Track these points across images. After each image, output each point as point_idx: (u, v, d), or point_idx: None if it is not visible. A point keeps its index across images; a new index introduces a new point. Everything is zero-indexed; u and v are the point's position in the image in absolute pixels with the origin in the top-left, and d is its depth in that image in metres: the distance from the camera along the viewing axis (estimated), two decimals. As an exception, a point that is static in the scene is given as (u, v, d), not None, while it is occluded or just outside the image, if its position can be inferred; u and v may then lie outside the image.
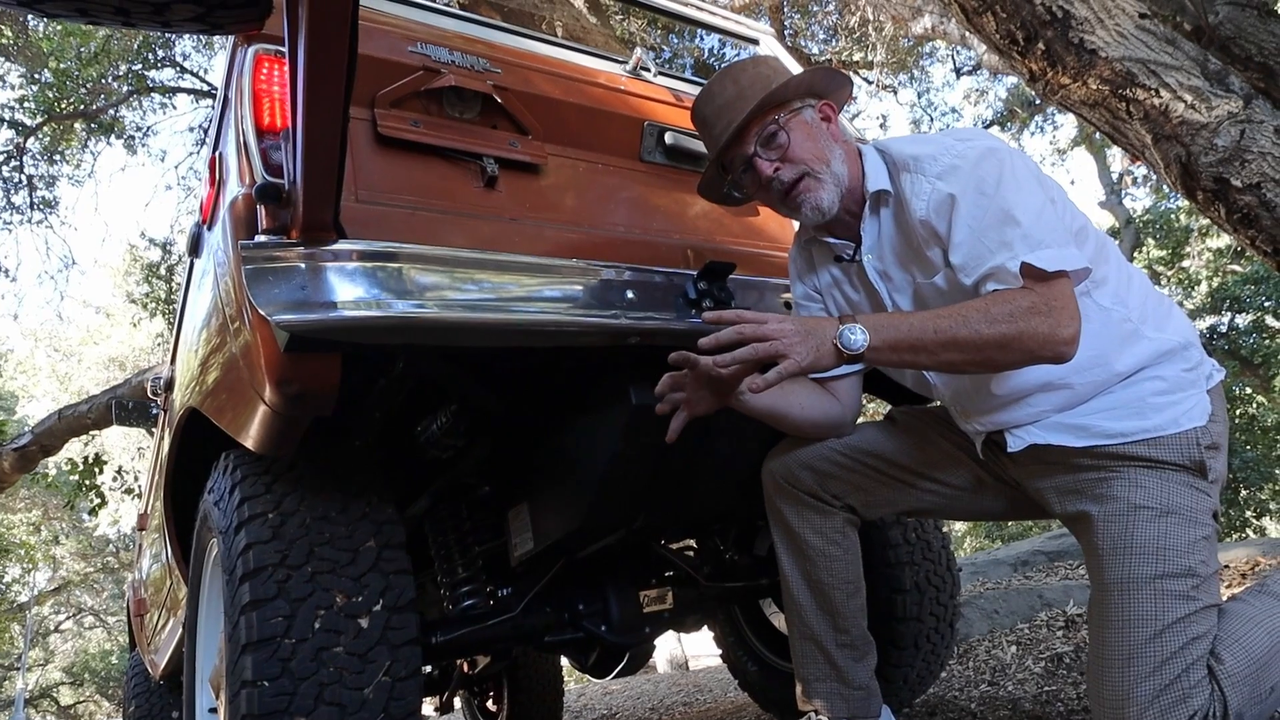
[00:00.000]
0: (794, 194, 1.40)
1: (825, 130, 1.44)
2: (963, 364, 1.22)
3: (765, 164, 1.41)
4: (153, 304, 10.13)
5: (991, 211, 1.24)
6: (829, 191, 1.40)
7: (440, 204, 1.50)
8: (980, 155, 1.29)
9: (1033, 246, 1.20)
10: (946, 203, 1.29)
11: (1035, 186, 1.28)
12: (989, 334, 1.17)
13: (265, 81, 1.38)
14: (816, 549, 1.54)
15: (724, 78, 1.46)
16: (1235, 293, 10.92)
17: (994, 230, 1.23)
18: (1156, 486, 1.24)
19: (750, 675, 2.57)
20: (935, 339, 1.19)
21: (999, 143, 1.33)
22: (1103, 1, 2.63)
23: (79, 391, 15.62)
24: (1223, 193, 2.52)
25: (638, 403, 1.50)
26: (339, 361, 1.23)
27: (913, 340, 1.20)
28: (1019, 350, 1.17)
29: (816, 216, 1.42)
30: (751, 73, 1.44)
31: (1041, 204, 1.25)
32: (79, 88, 7.99)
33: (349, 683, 1.30)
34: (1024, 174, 1.28)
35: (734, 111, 1.41)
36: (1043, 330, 1.15)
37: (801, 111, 1.43)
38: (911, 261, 1.39)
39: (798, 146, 1.40)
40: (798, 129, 1.41)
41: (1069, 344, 1.17)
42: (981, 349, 1.18)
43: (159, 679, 3.14)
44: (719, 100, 1.45)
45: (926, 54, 10.77)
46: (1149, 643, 1.17)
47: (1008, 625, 3.10)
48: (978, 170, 1.28)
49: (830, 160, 1.41)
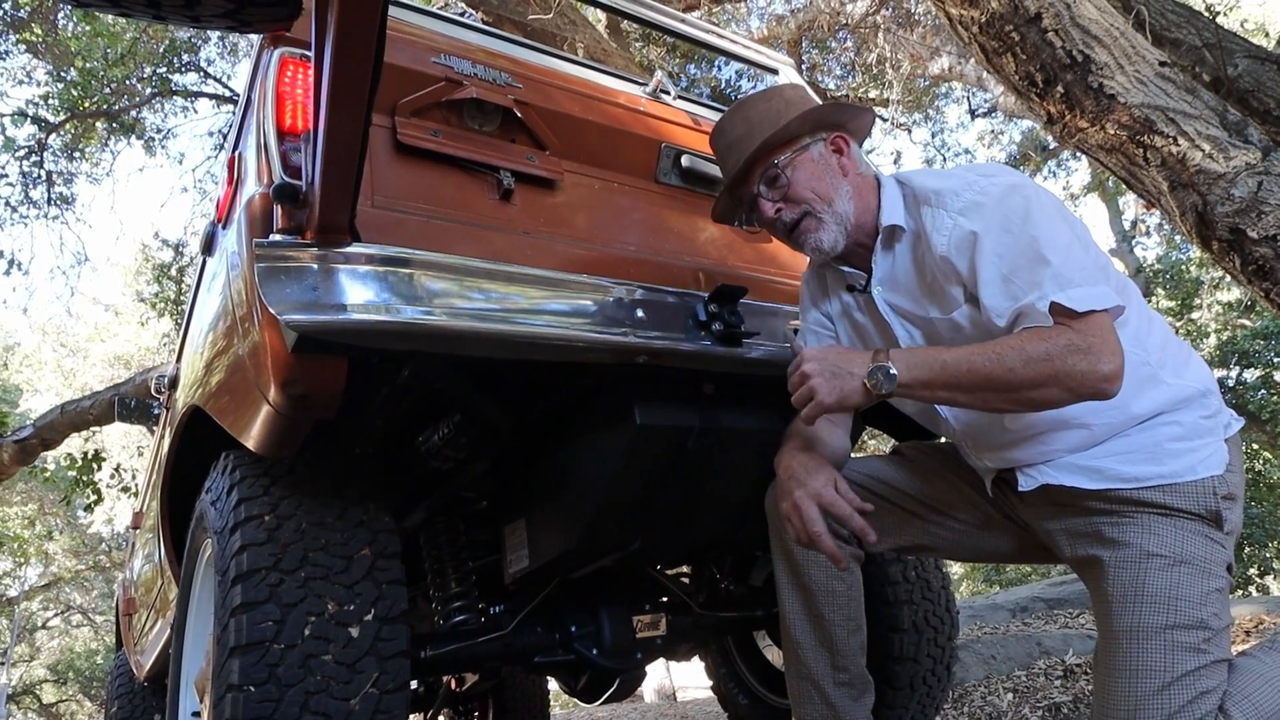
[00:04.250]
0: (796, 233, 1.43)
1: (834, 165, 1.44)
2: (999, 404, 1.20)
3: (768, 205, 1.43)
4: (161, 304, 10.17)
5: (1019, 250, 1.23)
6: (829, 231, 1.41)
7: (455, 214, 1.50)
8: (1004, 192, 1.28)
9: (1063, 285, 1.18)
10: (968, 240, 1.28)
11: (1062, 223, 1.26)
12: (1024, 373, 1.14)
13: (289, 84, 1.38)
14: (819, 583, 1.52)
15: (735, 113, 1.48)
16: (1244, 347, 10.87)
17: (1025, 271, 1.22)
18: (1171, 535, 1.22)
19: (741, 709, 2.52)
20: (970, 377, 1.17)
21: (1023, 179, 1.32)
22: (1123, 47, 2.65)
23: (83, 387, 15.65)
24: (1238, 243, 2.51)
25: (642, 423, 1.48)
26: (345, 365, 1.22)
27: (946, 378, 1.19)
28: (1057, 388, 1.15)
29: (817, 255, 1.45)
30: (762, 109, 1.45)
31: (1070, 241, 1.24)
32: (103, 87, 8.08)
33: (335, 692, 1.28)
34: (1051, 210, 1.27)
35: (740, 149, 1.43)
36: (1081, 368, 1.13)
37: (809, 148, 1.43)
38: (927, 296, 1.38)
39: (799, 186, 1.41)
40: (802, 168, 1.42)
41: (1111, 380, 1.14)
42: (1017, 387, 1.16)
43: (143, 680, 3.10)
44: (729, 136, 1.47)
45: (942, 94, 10.86)
46: (1157, 694, 1.14)
47: (1005, 672, 3.05)
48: (1002, 207, 1.26)
49: (834, 199, 1.41)
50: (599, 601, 1.95)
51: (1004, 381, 1.15)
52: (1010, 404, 1.20)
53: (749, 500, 1.71)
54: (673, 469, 1.60)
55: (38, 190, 8.72)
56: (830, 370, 1.21)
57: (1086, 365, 1.13)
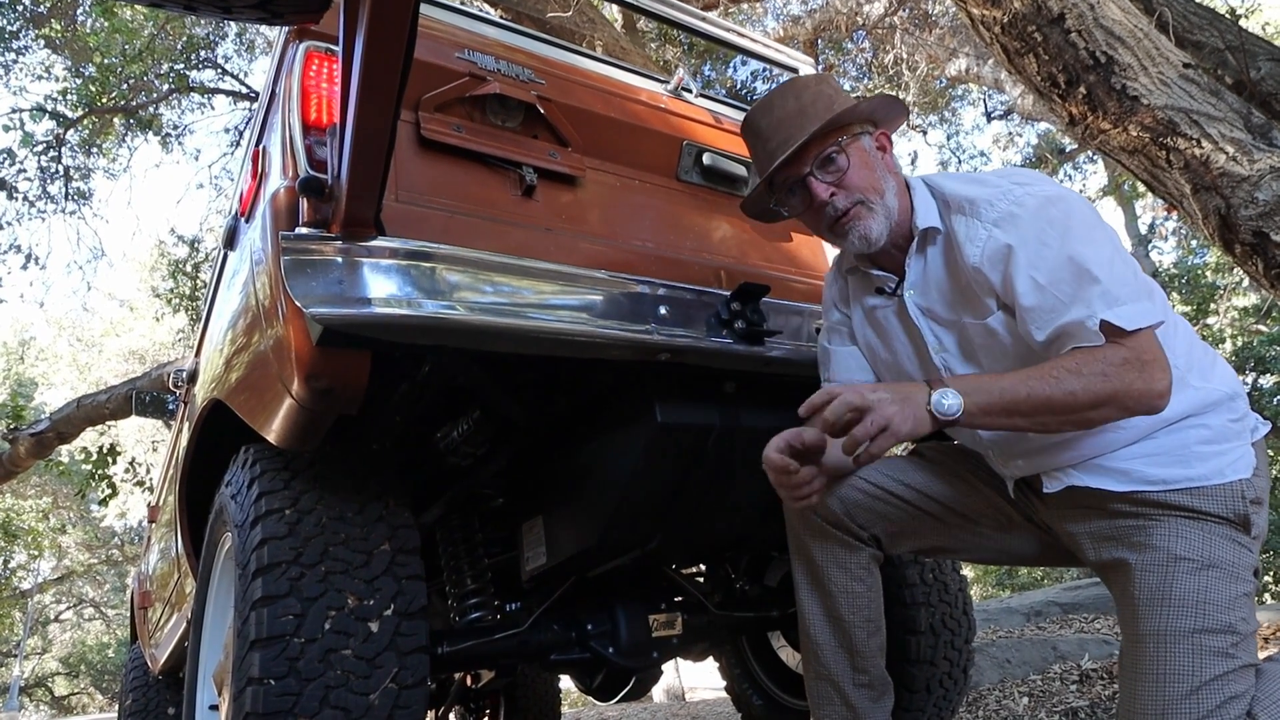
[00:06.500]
0: (844, 220, 1.37)
1: (881, 160, 1.41)
2: (1057, 426, 1.20)
3: (821, 187, 1.37)
4: (177, 300, 10.23)
5: (1059, 263, 1.21)
6: (879, 222, 1.37)
7: (477, 209, 1.50)
8: (1041, 203, 1.25)
9: (1110, 303, 1.17)
10: (1003, 253, 1.25)
11: (1102, 236, 1.24)
12: (1084, 395, 1.15)
13: (314, 78, 1.39)
14: (839, 585, 1.50)
15: (786, 91, 1.42)
16: (1261, 353, 10.76)
17: (1067, 284, 1.20)
18: (1198, 538, 1.20)
19: (755, 709, 2.51)
20: (1029, 402, 1.16)
21: (1060, 189, 1.29)
22: (1147, 49, 2.62)
23: (97, 382, 15.76)
24: (1261, 247, 2.49)
25: (663, 421, 1.48)
26: (369, 359, 1.22)
27: (1006, 403, 1.17)
28: (1115, 407, 1.16)
29: (863, 246, 1.39)
30: (815, 90, 1.41)
31: (1111, 255, 1.22)
32: (121, 83, 8.14)
33: (355, 687, 1.28)
34: (1090, 223, 1.25)
35: (793, 128, 1.37)
36: (1139, 386, 1.14)
37: (860, 138, 1.40)
38: (960, 302, 1.36)
39: (855, 173, 1.37)
40: (856, 155, 1.38)
41: (1164, 396, 1.16)
42: (1077, 409, 1.16)
43: (158, 673, 3.12)
44: (778, 113, 1.40)
45: (958, 96, 10.81)
46: (1185, 699, 1.13)
47: (1020, 675, 3.03)
48: (1039, 219, 1.24)
49: (884, 191, 1.38)
50: (615, 600, 1.95)
51: (1064, 404, 1.16)
52: (1068, 425, 1.20)
53: (767, 500, 1.70)
54: (693, 468, 1.59)
55: (55, 185, 8.80)
56: (901, 398, 1.18)
57: (1143, 384, 1.14)
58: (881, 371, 1.51)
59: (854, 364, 1.53)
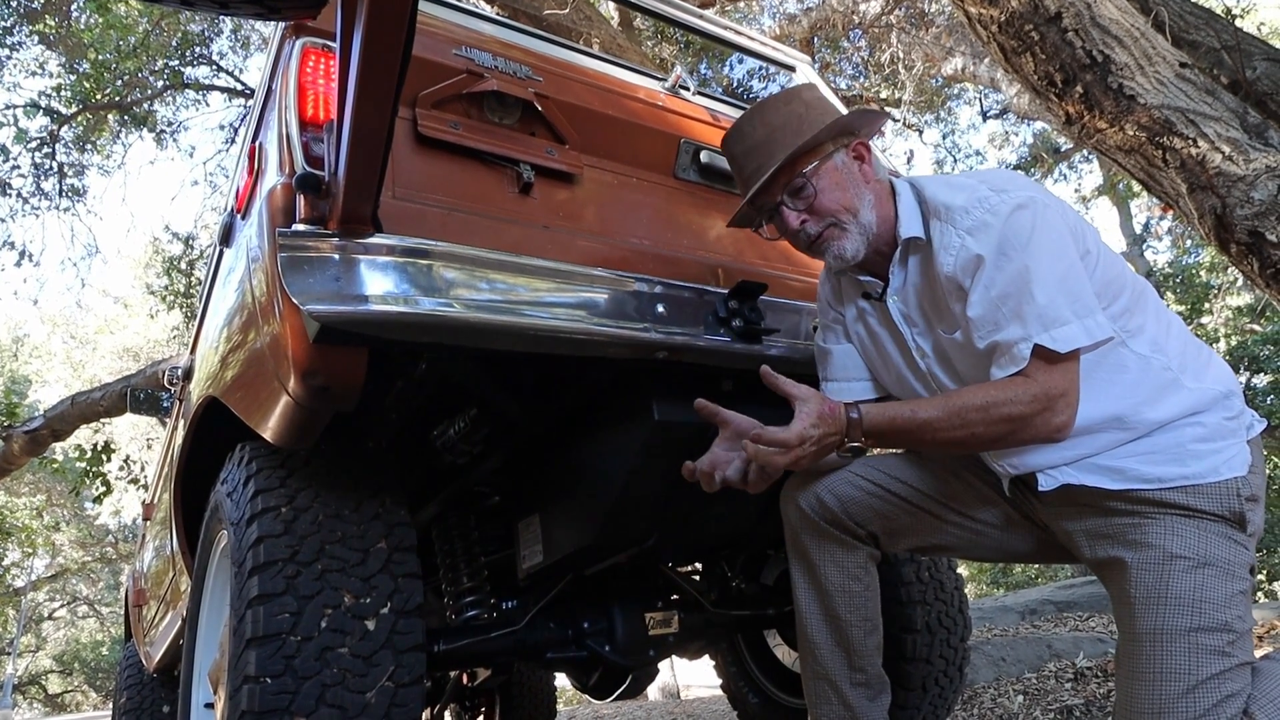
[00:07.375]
0: (818, 242, 1.40)
1: (856, 173, 1.41)
2: (957, 451, 1.41)
3: (792, 216, 1.40)
4: (171, 297, 10.20)
5: (1011, 277, 1.22)
6: (853, 240, 1.39)
7: (475, 206, 1.50)
8: (1011, 210, 1.25)
9: (1047, 325, 1.19)
10: (973, 263, 1.27)
11: (1066, 246, 1.25)
12: (985, 435, 1.24)
13: (311, 74, 1.38)
14: (836, 584, 1.51)
15: (754, 116, 1.44)
16: (1254, 352, 10.80)
17: (1011, 299, 1.22)
18: (1194, 536, 1.20)
19: (751, 707, 2.51)
20: (933, 440, 1.28)
21: (1033, 194, 1.29)
22: (1143, 48, 2.63)
23: (92, 379, 15.71)
24: (1257, 246, 2.49)
25: (660, 418, 1.48)
26: (366, 356, 1.21)
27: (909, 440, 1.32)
28: (1014, 442, 1.27)
29: (839, 264, 1.42)
30: (783, 113, 1.41)
31: (1067, 269, 1.23)
32: (115, 79, 8.11)
33: (351, 685, 1.27)
34: (1056, 232, 1.25)
35: (762, 156, 1.40)
36: (1039, 425, 1.22)
37: (832, 156, 1.40)
38: (934, 312, 1.38)
39: (825, 197, 1.38)
40: (827, 177, 1.39)
41: (1062, 430, 1.24)
42: (978, 445, 1.29)
43: (153, 671, 3.11)
44: (748, 141, 1.43)
45: (954, 95, 10.82)
46: (1181, 698, 1.13)
47: (1015, 674, 3.04)
48: (1006, 228, 1.25)
49: (859, 209, 1.39)
50: (611, 598, 1.95)
51: (962, 442, 1.27)
52: (967, 451, 1.39)
53: (764, 499, 1.70)
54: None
55: (49, 182, 8.77)
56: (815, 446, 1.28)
57: (1042, 422, 1.22)
58: (877, 370, 1.51)
59: (850, 362, 1.53)
